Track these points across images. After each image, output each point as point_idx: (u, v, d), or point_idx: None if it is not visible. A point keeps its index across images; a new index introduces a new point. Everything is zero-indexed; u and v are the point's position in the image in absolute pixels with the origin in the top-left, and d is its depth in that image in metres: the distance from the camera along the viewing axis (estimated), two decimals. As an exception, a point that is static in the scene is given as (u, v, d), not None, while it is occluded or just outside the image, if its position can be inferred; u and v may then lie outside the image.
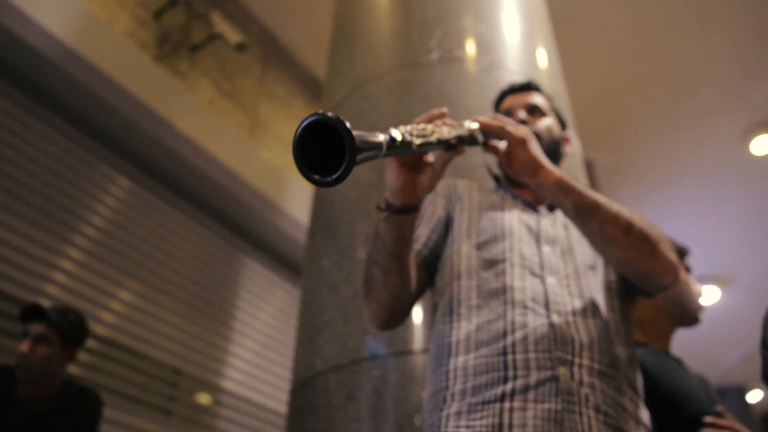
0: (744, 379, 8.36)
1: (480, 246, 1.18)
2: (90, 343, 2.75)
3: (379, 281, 1.09)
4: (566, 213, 1.09)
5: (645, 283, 1.14)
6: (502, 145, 1.07)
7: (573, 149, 1.46)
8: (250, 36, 4.24)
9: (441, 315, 1.15)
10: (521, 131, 1.05)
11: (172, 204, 3.50)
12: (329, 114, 0.65)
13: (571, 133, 2.11)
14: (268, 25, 4.46)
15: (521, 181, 1.12)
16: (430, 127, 0.88)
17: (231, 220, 3.79)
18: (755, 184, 5.49)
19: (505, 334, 1.03)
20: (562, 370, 0.99)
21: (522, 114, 1.32)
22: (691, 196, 5.62)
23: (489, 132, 1.04)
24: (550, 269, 1.13)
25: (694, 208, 5.74)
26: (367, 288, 1.14)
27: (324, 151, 0.69)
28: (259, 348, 3.68)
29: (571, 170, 2.03)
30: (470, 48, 2.08)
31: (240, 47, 3.92)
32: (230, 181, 3.57)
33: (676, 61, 4.48)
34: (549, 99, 1.43)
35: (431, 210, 1.29)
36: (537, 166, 1.06)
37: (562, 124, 1.43)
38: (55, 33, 2.84)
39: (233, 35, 3.86)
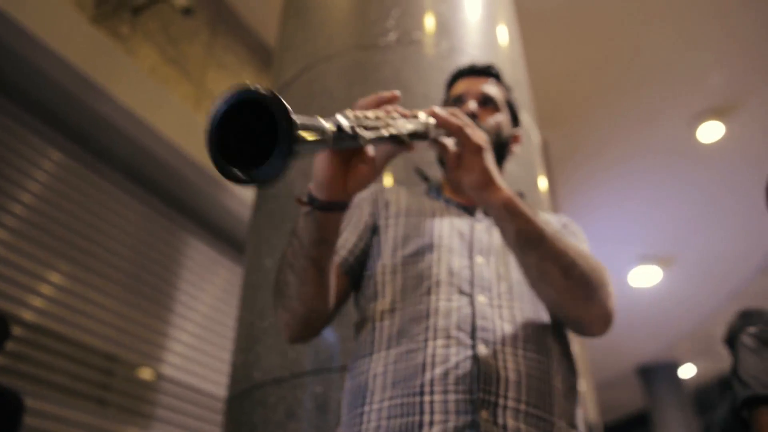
0: (676, 355, 8.70)
1: (406, 260, 1.06)
2: (16, 330, 2.56)
3: (292, 288, 0.95)
4: (506, 239, 0.97)
5: (571, 328, 1.05)
6: (452, 144, 0.93)
7: (521, 148, 1.35)
8: (197, -1, 3.99)
9: (361, 343, 1.03)
10: (479, 138, 0.91)
11: (108, 179, 3.28)
12: (260, 89, 0.50)
13: (526, 117, 2.03)
14: (217, -13, 4.21)
15: (463, 191, 0.98)
16: (382, 115, 0.74)
17: (172, 196, 3.59)
18: (702, 169, 5.61)
19: (424, 370, 0.91)
20: (484, 414, 0.87)
21: (473, 105, 1.20)
22: (638, 177, 5.71)
23: (445, 129, 0.91)
24: (481, 286, 1.01)
25: (641, 189, 5.84)
26: (278, 293, 0.99)
27: (250, 141, 0.53)
28: (200, 330, 3.54)
29: (527, 152, 1.96)
30: (430, 30, 1.95)
31: (186, 11, 3.67)
32: (172, 155, 3.36)
33: (630, 44, 4.49)
34: (507, 89, 1.31)
35: (358, 215, 1.16)
36: (487, 181, 0.92)
37: (515, 120, 1.31)
38: (-25, -11, 2.57)
39: (179, -2, 3.61)
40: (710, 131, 5.15)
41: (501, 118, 1.24)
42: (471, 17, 2.09)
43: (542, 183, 1.96)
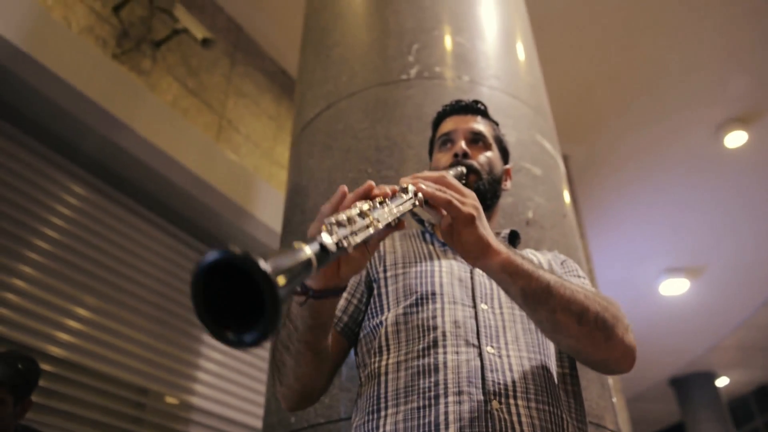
0: (711, 366, 8.54)
1: (407, 311, 1.04)
2: (45, 365, 2.58)
3: (289, 368, 0.96)
4: (512, 298, 0.95)
5: (599, 369, 1.03)
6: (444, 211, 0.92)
7: (511, 184, 1.34)
8: (216, 29, 4.04)
9: (366, 399, 1.00)
10: (469, 206, 0.89)
11: (133, 212, 3.31)
12: (235, 250, 0.49)
13: (548, 146, 2.00)
14: (234, 16, 4.26)
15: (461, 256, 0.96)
16: (366, 209, 0.74)
17: (197, 227, 3.62)
18: (727, 177, 5.53)
19: (437, 430, 0.89)
20: None
21: (463, 144, 1.21)
22: (664, 189, 5.64)
23: (434, 203, 0.90)
24: (488, 336, 1.00)
25: (668, 201, 5.77)
26: (275, 370, 1.01)
27: (239, 296, 0.53)
28: (230, 360, 3.54)
29: (555, 183, 1.93)
30: (450, 63, 1.95)
31: (206, 42, 3.72)
32: (195, 185, 3.39)
33: (651, 54, 4.45)
34: (495, 125, 1.32)
35: None
36: (483, 249, 0.90)
37: (505, 156, 1.31)
38: (3, 33, 2.61)
39: (198, 30, 3.66)
40: (733, 139, 5.09)
41: (492, 155, 1.25)
42: (489, 46, 2.08)
43: (571, 214, 1.93)
